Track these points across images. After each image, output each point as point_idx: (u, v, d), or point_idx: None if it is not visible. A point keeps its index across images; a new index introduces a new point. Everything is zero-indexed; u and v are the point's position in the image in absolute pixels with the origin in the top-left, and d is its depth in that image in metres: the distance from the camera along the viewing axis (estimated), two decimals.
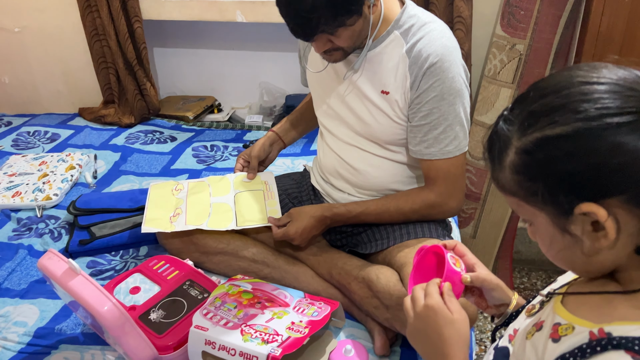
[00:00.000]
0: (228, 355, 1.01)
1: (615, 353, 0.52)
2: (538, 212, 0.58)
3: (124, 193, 1.65)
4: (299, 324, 1.07)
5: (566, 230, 0.56)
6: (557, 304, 0.63)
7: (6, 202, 1.68)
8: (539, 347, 0.60)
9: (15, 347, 1.18)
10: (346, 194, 1.33)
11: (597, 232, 0.55)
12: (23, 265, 1.44)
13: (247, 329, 1.05)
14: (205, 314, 1.09)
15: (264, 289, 1.19)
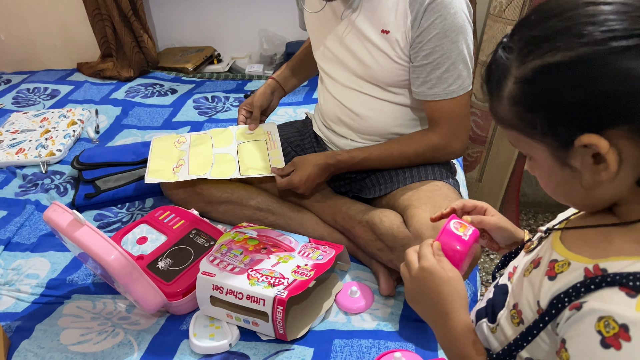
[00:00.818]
0: (235, 299, 1.03)
1: (609, 290, 0.51)
2: (537, 145, 0.56)
3: (127, 146, 1.65)
4: (304, 267, 1.09)
5: (566, 163, 0.55)
6: (555, 240, 0.62)
7: (10, 159, 1.69)
8: (536, 284, 0.59)
9: (29, 298, 1.21)
10: (348, 140, 1.32)
11: (597, 164, 0.52)
12: (31, 220, 1.46)
13: (254, 273, 1.06)
14: (212, 261, 1.10)
15: (269, 235, 1.20)
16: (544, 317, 0.57)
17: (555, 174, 0.57)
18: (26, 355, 1.06)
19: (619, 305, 0.49)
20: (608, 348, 0.48)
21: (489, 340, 0.65)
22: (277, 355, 1.02)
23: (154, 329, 1.11)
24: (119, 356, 1.04)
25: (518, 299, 0.62)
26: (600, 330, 0.49)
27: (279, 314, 0.99)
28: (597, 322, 0.50)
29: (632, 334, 0.48)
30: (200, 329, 1.07)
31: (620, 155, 0.51)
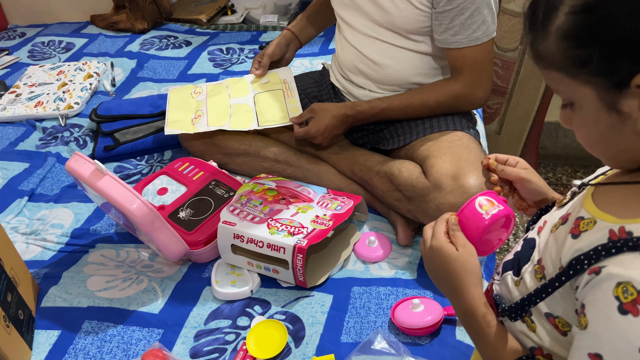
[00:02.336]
0: (256, 247, 1.04)
1: (630, 255, 0.48)
2: (583, 87, 0.51)
3: (144, 99, 1.65)
4: (323, 217, 1.09)
5: (614, 107, 0.49)
6: (587, 197, 0.58)
7: (30, 112, 1.70)
8: (559, 241, 0.57)
9: (55, 247, 1.24)
10: (367, 91, 1.30)
11: None
12: (53, 172, 1.48)
13: (273, 222, 1.08)
14: (232, 210, 1.12)
15: (288, 186, 1.21)
16: (561, 277, 0.55)
17: (600, 121, 0.51)
18: (55, 300, 1.10)
19: (638, 270, 0.47)
20: (626, 314, 0.47)
21: (512, 293, 0.64)
22: (297, 301, 1.05)
23: (176, 276, 1.14)
24: (143, 302, 1.08)
25: (543, 254, 0.60)
26: (619, 296, 0.47)
27: (299, 261, 1.01)
28: (615, 287, 0.48)
29: None
30: (222, 276, 1.10)
31: None
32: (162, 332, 1.02)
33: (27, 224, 1.31)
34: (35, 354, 1.00)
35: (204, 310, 1.05)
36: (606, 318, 0.48)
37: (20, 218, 1.33)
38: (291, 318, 1.01)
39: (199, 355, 0.97)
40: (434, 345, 0.94)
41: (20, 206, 1.36)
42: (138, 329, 1.03)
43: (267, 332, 0.97)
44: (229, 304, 1.06)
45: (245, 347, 0.96)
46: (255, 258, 1.07)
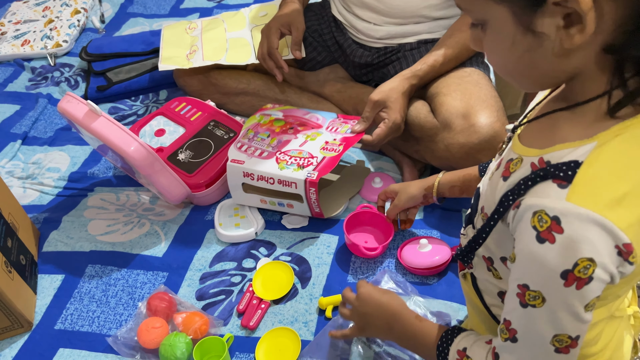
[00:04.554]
0: (267, 184, 1.01)
1: (544, 184, 0.48)
2: (497, 7, 0.47)
3: (135, 36, 1.57)
4: (333, 143, 1.05)
5: (529, 28, 0.47)
6: (515, 137, 0.58)
7: (17, 51, 1.63)
8: (493, 186, 0.57)
9: (52, 192, 1.21)
10: (371, 24, 1.23)
11: (568, 28, 0.45)
12: (45, 114, 1.43)
13: (282, 156, 1.03)
14: (240, 147, 1.07)
15: (296, 115, 1.15)
16: (494, 215, 0.55)
17: (516, 44, 0.49)
18: (57, 245, 1.08)
19: (550, 197, 0.47)
20: (543, 242, 0.47)
21: None
22: (303, 242, 1.03)
23: (179, 219, 1.12)
24: (146, 245, 1.06)
25: (484, 202, 0.60)
26: (535, 225, 0.47)
27: (312, 195, 0.98)
28: (532, 217, 0.48)
29: (564, 225, 0.46)
30: (226, 218, 1.08)
31: (601, 14, 0.44)
32: (167, 275, 1.01)
33: (22, 168, 1.28)
34: (40, 298, 1.00)
35: (209, 252, 1.04)
36: (528, 249, 0.49)
37: (15, 162, 1.30)
38: (297, 259, 1.00)
39: (205, 297, 0.96)
40: (441, 285, 0.94)
41: (14, 150, 1.32)
42: (142, 272, 1.02)
43: (273, 273, 0.97)
44: (233, 246, 1.05)
45: (251, 289, 0.95)
46: (267, 195, 1.04)
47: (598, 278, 0.46)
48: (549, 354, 0.52)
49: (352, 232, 1.02)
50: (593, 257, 0.45)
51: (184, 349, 0.85)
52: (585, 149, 0.48)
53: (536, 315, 0.50)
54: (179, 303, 0.94)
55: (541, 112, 0.56)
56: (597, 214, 0.45)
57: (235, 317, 0.93)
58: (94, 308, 0.97)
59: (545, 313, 0.49)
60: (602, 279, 0.47)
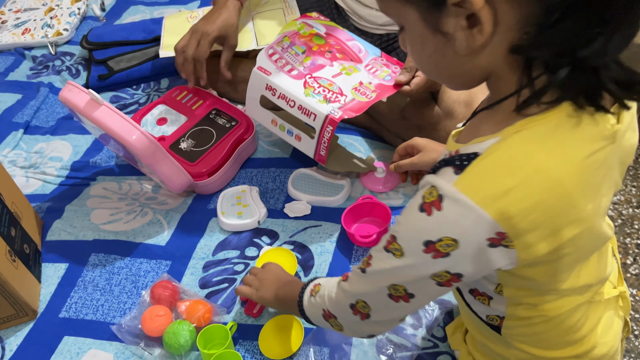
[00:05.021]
0: (287, 105, 0.96)
1: (445, 168, 0.52)
2: (407, 9, 0.50)
3: (136, 24, 1.56)
4: (367, 86, 0.98)
5: (438, 29, 0.49)
6: (449, 138, 0.61)
7: (17, 40, 1.62)
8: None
9: (55, 181, 1.22)
10: (373, 10, 1.22)
11: (472, 28, 0.47)
12: (47, 103, 1.43)
13: (311, 81, 0.97)
14: (271, 55, 1.00)
15: (338, 37, 1.07)
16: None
17: (427, 43, 0.51)
18: (60, 234, 1.09)
19: (443, 178, 0.50)
20: (422, 212, 0.51)
21: None
22: (305, 231, 1.03)
23: (181, 208, 1.12)
24: (149, 234, 1.07)
25: None
26: (425, 195, 0.51)
27: (327, 134, 0.94)
28: (424, 189, 0.52)
29: (444, 205, 0.49)
30: (228, 207, 1.08)
31: (496, 14, 0.45)
32: (170, 263, 1.01)
33: (24, 157, 1.28)
34: (44, 287, 1.00)
35: (211, 241, 1.04)
36: (409, 211, 0.53)
37: (17, 151, 1.30)
38: (300, 248, 1.01)
39: (209, 285, 0.97)
40: None
41: (17, 139, 1.32)
42: (146, 261, 1.02)
43: (276, 260, 0.97)
44: (236, 235, 1.05)
45: None
46: (281, 116, 1.01)
47: (455, 256, 0.50)
48: (382, 295, 0.58)
49: (354, 223, 1.02)
50: (458, 239, 0.49)
51: (188, 337, 0.85)
52: (488, 143, 0.50)
53: (390, 262, 0.55)
54: (183, 291, 0.94)
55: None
56: (474, 204, 0.48)
57: (239, 305, 0.93)
58: (97, 296, 0.98)
59: (398, 263, 0.54)
60: (459, 259, 0.50)
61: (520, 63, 0.48)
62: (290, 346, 0.85)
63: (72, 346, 0.91)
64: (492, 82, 0.53)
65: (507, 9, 0.45)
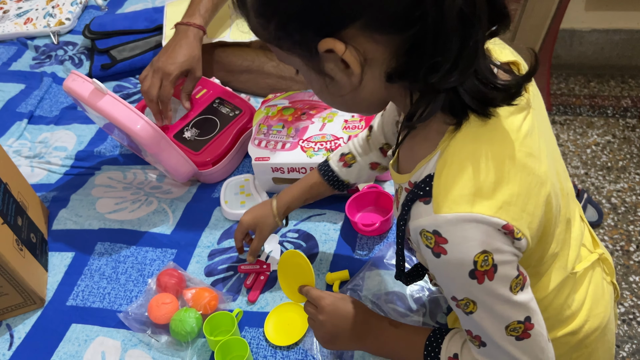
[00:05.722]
0: (300, 174, 1.01)
1: (415, 206, 0.53)
2: (293, 58, 0.54)
3: (138, 13, 1.56)
4: (352, 120, 1.04)
5: (322, 71, 0.53)
6: (391, 168, 0.63)
7: (19, 29, 1.62)
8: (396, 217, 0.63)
9: (60, 170, 1.22)
10: None
11: (347, 68, 0.51)
12: (51, 93, 1.43)
13: (306, 144, 1.03)
14: (258, 144, 1.06)
15: (302, 99, 1.15)
16: (398, 239, 0.62)
17: (317, 83, 0.56)
18: (66, 223, 1.09)
19: (422, 216, 0.51)
20: (439, 257, 0.50)
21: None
22: (310, 219, 1.04)
23: (186, 197, 1.12)
24: (155, 223, 1.07)
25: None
26: (427, 244, 0.51)
27: None
28: (421, 238, 0.52)
29: (445, 235, 0.49)
30: (231, 196, 1.09)
31: (364, 54, 0.50)
32: (176, 252, 1.02)
33: (29, 147, 1.29)
34: (51, 275, 1.01)
35: (216, 229, 1.05)
36: (433, 266, 0.53)
37: (22, 141, 1.30)
38: (304, 236, 1.01)
39: (214, 273, 0.98)
40: None
41: (21, 129, 1.32)
42: (151, 249, 1.03)
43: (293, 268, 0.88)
44: None
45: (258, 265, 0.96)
46: None
47: (502, 262, 0.50)
48: (513, 344, 0.54)
49: (358, 212, 1.03)
50: (484, 248, 0.49)
51: (194, 324, 0.86)
52: (433, 161, 0.53)
53: (479, 318, 0.53)
54: (188, 279, 0.95)
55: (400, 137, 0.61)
56: (462, 214, 0.48)
57: (244, 293, 0.94)
58: (104, 285, 0.98)
59: (483, 313, 0.53)
60: (506, 260, 0.50)
61: (402, 89, 0.53)
62: (296, 333, 0.86)
63: (80, 334, 0.92)
64: (396, 104, 0.59)
65: (371, 47, 0.49)
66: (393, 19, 0.47)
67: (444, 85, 0.48)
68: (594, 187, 1.80)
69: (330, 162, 0.90)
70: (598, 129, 1.98)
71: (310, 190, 0.91)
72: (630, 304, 1.50)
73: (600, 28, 2.02)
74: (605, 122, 1.99)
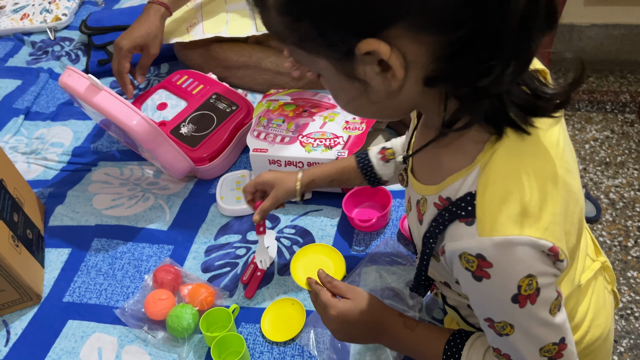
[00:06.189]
0: (296, 168, 1.01)
1: (453, 226, 0.50)
2: (319, 60, 0.49)
3: (135, 8, 1.55)
4: (353, 122, 1.05)
5: (353, 76, 0.48)
6: (410, 175, 0.60)
7: (16, 25, 1.61)
8: (414, 228, 0.60)
9: (56, 166, 1.22)
10: None
11: (386, 72, 0.47)
12: (47, 89, 1.43)
13: (305, 139, 1.03)
14: (257, 135, 1.06)
15: (305, 97, 1.14)
16: (423, 256, 0.59)
17: (345, 89, 0.51)
18: (62, 220, 1.09)
19: (464, 238, 0.49)
20: (481, 280, 0.49)
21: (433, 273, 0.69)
22: (307, 215, 1.04)
23: (183, 193, 1.12)
24: (151, 219, 1.07)
25: (413, 234, 0.63)
26: (467, 267, 0.49)
27: None
28: (460, 261, 0.49)
29: (489, 259, 0.47)
30: (227, 192, 1.08)
31: (405, 57, 0.45)
32: (173, 248, 1.02)
33: (26, 143, 1.28)
34: (48, 272, 1.01)
35: (213, 225, 1.05)
36: (472, 289, 0.51)
37: (19, 137, 1.30)
38: (301, 232, 1.01)
39: (211, 269, 0.97)
40: None
41: (17, 125, 1.32)
42: (148, 245, 1.03)
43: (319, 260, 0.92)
44: (237, 219, 1.05)
45: (255, 261, 0.96)
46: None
47: (544, 285, 0.49)
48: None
49: (355, 208, 1.02)
50: (529, 272, 0.47)
51: (191, 320, 0.86)
52: (472, 177, 0.50)
53: (514, 340, 0.52)
54: (185, 275, 0.95)
55: (418, 143, 0.58)
56: (511, 236, 0.47)
57: (241, 289, 0.94)
58: (101, 281, 0.98)
59: (520, 336, 0.51)
60: (548, 282, 0.49)
61: (437, 94, 0.50)
62: (292, 329, 0.86)
63: (77, 330, 0.92)
64: (424, 112, 0.54)
65: (414, 49, 0.45)
66: (443, 19, 0.43)
67: (494, 90, 0.45)
68: (592, 182, 1.80)
69: (369, 152, 0.86)
70: (597, 124, 1.97)
71: (341, 173, 0.88)
72: (628, 299, 1.50)
73: (600, 23, 2.02)
74: (603, 118, 1.99)
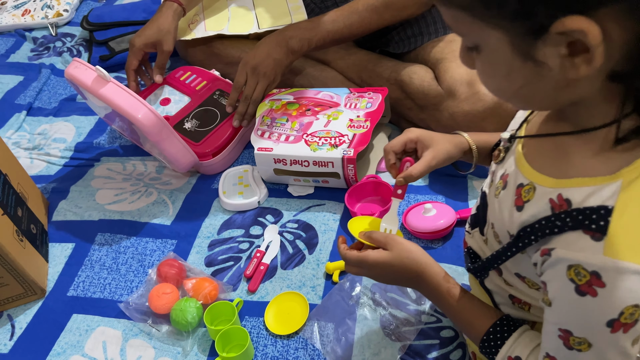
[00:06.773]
0: (302, 167, 1.02)
1: (574, 234, 0.46)
2: (494, 32, 0.43)
3: (136, 4, 1.56)
4: (357, 120, 1.05)
5: (529, 56, 0.43)
6: (519, 155, 0.55)
7: (17, 21, 1.61)
8: (505, 212, 0.55)
9: (59, 162, 1.22)
10: None
11: (574, 56, 0.41)
12: (49, 85, 1.43)
13: (310, 138, 1.03)
14: (262, 134, 1.07)
15: (307, 96, 1.15)
16: (512, 247, 0.54)
17: (513, 71, 0.45)
18: (66, 214, 1.10)
19: (585, 252, 0.45)
20: (584, 295, 0.46)
21: (483, 250, 0.64)
22: (309, 209, 1.04)
23: (186, 188, 1.13)
24: (154, 214, 1.08)
25: (493, 219, 0.59)
26: (573, 278, 0.46)
27: (351, 170, 1.00)
28: (567, 270, 0.46)
29: (605, 280, 0.45)
30: (229, 187, 1.09)
31: (609, 43, 0.40)
32: (176, 242, 1.02)
33: (28, 138, 1.29)
34: (52, 266, 1.01)
35: (216, 220, 1.05)
36: (567, 299, 0.48)
37: (21, 133, 1.30)
38: (303, 226, 1.02)
39: (214, 263, 0.98)
40: (446, 249, 0.95)
41: (20, 121, 1.32)
42: (151, 240, 1.03)
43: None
44: (240, 214, 1.06)
45: (258, 255, 0.97)
46: (300, 175, 1.06)
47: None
48: None
49: (357, 202, 1.03)
50: (638, 303, 0.45)
51: (195, 314, 0.86)
52: (611, 190, 0.45)
53: (584, 357, 0.49)
54: (189, 269, 0.95)
55: (540, 130, 0.54)
56: (638, 265, 0.44)
57: (244, 283, 0.94)
58: (105, 275, 0.99)
59: (593, 355, 0.49)
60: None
61: (616, 92, 0.44)
62: (296, 322, 0.87)
63: (81, 324, 0.92)
64: (581, 108, 0.47)
65: (618, 34, 0.40)
66: None
67: None
68: None
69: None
70: None
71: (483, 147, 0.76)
72: None
73: None
74: None
